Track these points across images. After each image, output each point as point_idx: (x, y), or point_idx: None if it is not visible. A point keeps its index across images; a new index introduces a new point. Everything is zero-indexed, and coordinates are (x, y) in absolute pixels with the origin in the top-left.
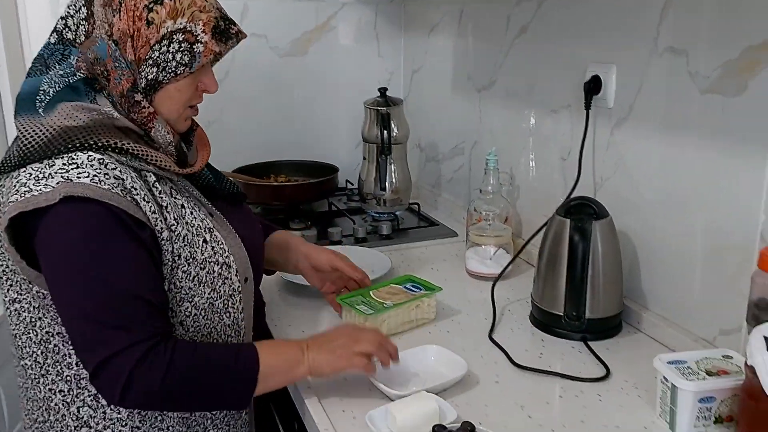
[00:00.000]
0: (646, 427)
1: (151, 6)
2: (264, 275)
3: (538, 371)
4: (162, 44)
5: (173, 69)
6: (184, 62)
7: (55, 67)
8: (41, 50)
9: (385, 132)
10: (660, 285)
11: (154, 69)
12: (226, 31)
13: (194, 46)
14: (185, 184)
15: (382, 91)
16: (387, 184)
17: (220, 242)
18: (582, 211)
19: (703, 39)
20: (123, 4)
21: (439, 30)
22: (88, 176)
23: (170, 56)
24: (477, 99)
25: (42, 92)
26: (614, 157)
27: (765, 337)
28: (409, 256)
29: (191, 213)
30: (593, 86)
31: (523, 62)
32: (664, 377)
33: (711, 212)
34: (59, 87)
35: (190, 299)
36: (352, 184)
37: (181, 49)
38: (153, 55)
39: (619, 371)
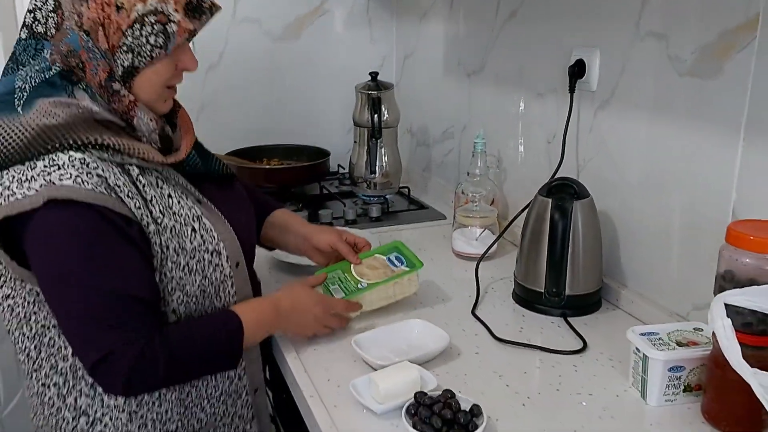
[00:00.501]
0: (618, 395)
1: None
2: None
3: (517, 344)
4: (134, 29)
5: (148, 53)
6: (159, 44)
7: (29, 63)
8: (14, 47)
9: (376, 116)
10: (638, 263)
11: (129, 55)
12: (198, 7)
13: (167, 27)
14: (171, 172)
15: (374, 75)
16: (377, 167)
17: (209, 230)
18: (563, 191)
19: (683, 23)
20: None
21: (431, 15)
22: (70, 177)
23: (144, 40)
24: (467, 83)
25: (19, 89)
26: (597, 140)
27: (726, 304)
28: (398, 237)
29: (178, 202)
30: (577, 70)
31: (512, 46)
32: (636, 348)
33: (687, 192)
34: (35, 82)
35: (182, 288)
36: (344, 169)
37: (155, 31)
38: (126, 41)
39: (595, 344)
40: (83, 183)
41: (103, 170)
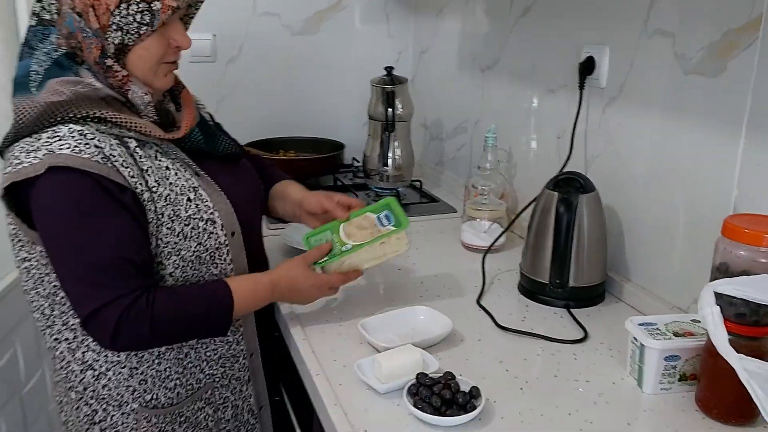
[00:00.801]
0: (615, 383)
1: None
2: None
3: (519, 332)
4: (121, 8)
5: (136, 30)
6: (145, 21)
7: (39, 47)
8: (25, 35)
9: (390, 109)
10: (642, 257)
11: (119, 33)
12: None
13: (152, 5)
14: (171, 147)
15: (388, 69)
16: (390, 160)
17: (204, 200)
18: (569, 185)
19: (690, 22)
20: None
21: (448, 11)
22: (69, 147)
23: (131, 18)
24: (480, 79)
25: (33, 72)
26: (605, 135)
27: (715, 292)
28: (408, 229)
29: (176, 174)
30: (587, 67)
31: (525, 43)
32: (634, 337)
33: (691, 188)
34: (47, 65)
35: (177, 253)
36: (359, 161)
37: (140, 9)
38: (115, 20)
39: (596, 335)
40: (80, 152)
41: (99, 141)
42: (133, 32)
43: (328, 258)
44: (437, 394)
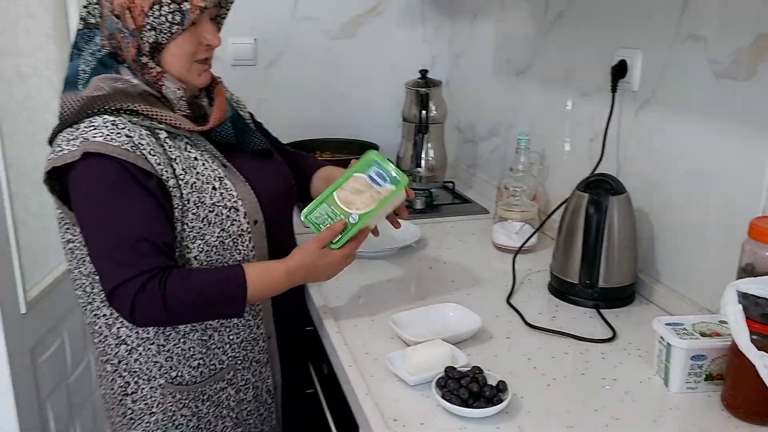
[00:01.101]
0: (641, 381)
1: None
2: None
3: (548, 331)
4: (153, 9)
5: (168, 29)
6: (176, 21)
7: (85, 49)
8: (74, 37)
9: (423, 112)
10: (672, 259)
11: (153, 33)
12: None
13: (182, 6)
14: (201, 140)
15: (423, 72)
16: (423, 161)
17: (229, 189)
18: (600, 187)
19: (721, 27)
20: None
21: (483, 16)
22: (101, 136)
23: (163, 19)
24: (515, 82)
25: (82, 71)
26: (637, 138)
27: (740, 292)
28: (440, 228)
29: (203, 164)
30: (620, 70)
31: (559, 47)
32: (661, 337)
33: (722, 190)
34: (93, 65)
35: (201, 237)
36: (393, 162)
37: (171, 10)
38: (149, 21)
39: (625, 335)
40: (112, 141)
41: (129, 131)
42: (165, 31)
43: (341, 237)
44: (465, 386)
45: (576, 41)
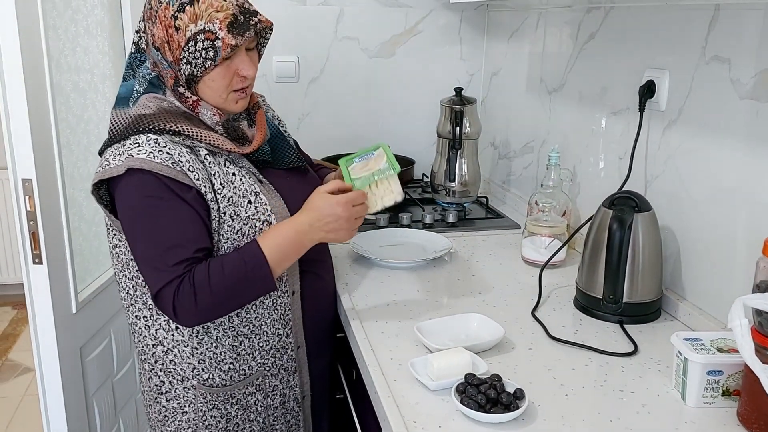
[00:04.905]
0: (659, 395)
1: (176, 15)
2: None
3: (569, 343)
4: (189, 45)
5: (202, 64)
6: (209, 57)
7: (137, 71)
8: (128, 59)
9: (457, 128)
10: (698, 277)
11: (188, 66)
12: (244, 24)
13: (215, 42)
14: (239, 157)
15: (458, 90)
16: (456, 176)
17: (263, 203)
18: (625, 204)
19: (745, 49)
20: (157, 17)
21: (518, 36)
22: (145, 153)
23: (198, 54)
24: (548, 100)
25: (135, 91)
26: (664, 157)
27: (749, 307)
28: (471, 242)
29: (240, 180)
30: (648, 90)
31: (590, 67)
32: (679, 351)
33: (747, 210)
34: (145, 85)
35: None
36: (428, 177)
37: (205, 46)
38: (185, 55)
39: (646, 350)
40: (154, 158)
41: (170, 149)
42: (200, 65)
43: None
44: (483, 392)
45: (606, 61)
